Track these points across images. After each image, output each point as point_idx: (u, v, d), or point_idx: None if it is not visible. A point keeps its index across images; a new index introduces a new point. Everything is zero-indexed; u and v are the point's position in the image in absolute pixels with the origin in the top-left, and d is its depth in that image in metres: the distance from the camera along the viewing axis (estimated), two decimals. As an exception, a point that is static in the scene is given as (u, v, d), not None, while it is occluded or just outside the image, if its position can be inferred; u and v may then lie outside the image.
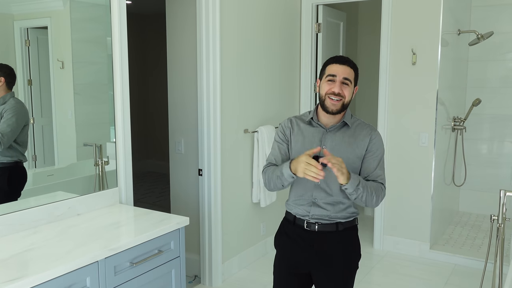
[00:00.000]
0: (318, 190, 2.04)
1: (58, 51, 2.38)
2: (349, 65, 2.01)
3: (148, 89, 7.66)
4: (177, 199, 3.68)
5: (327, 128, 2.05)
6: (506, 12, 4.94)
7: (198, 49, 3.37)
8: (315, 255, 2.07)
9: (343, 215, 2.06)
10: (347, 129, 2.05)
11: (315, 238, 2.06)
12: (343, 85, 1.98)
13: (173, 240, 2.32)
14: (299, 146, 2.07)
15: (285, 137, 2.13)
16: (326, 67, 2.03)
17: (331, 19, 4.67)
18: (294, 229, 2.11)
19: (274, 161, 2.12)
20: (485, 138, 5.22)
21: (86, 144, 2.56)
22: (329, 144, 2.03)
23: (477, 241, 4.42)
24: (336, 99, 1.97)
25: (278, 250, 2.22)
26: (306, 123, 2.10)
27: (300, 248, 2.10)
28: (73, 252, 1.91)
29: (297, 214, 2.10)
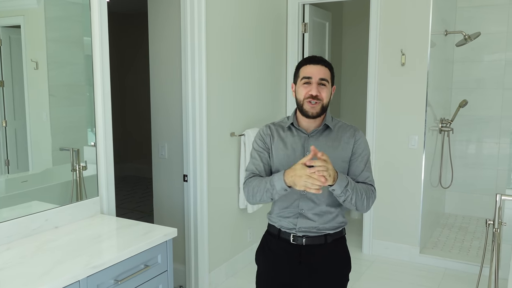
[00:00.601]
0: (304, 200, 1.91)
1: (32, 51, 2.24)
2: (324, 65, 1.90)
3: (125, 90, 7.44)
4: (161, 206, 3.51)
5: (308, 133, 1.93)
6: (491, 13, 4.92)
7: (183, 50, 3.22)
8: (303, 271, 1.94)
9: (331, 225, 1.94)
10: (330, 132, 1.95)
11: (303, 252, 1.93)
12: (320, 86, 1.88)
13: (160, 253, 2.16)
14: (281, 155, 1.94)
15: (265, 145, 2.00)
16: (300, 69, 1.92)
17: (317, 19, 4.57)
18: (279, 244, 1.98)
19: (256, 171, 1.98)
20: (470, 140, 5.20)
21: (62, 148, 2.41)
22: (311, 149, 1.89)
23: (465, 243, 4.38)
24: (315, 102, 1.87)
25: (260, 267, 2.07)
26: (286, 129, 1.98)
27: (286, 264, 1.96)
28: (51, 271, 1.73)
29: (282, 227, 1.97)
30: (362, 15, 5.55)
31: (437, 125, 4.53)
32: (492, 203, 5.00)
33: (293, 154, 1.92)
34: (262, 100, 3.99)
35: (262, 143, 2.00)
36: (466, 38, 4.39)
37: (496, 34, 4.93)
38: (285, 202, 1.94)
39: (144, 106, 7.03)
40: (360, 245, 4.40)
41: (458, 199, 5.32)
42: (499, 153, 5.05)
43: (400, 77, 3.99)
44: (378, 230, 4.23)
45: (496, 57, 4.97)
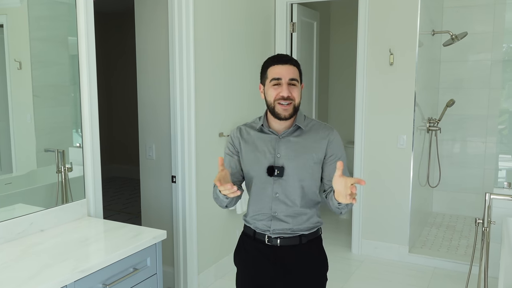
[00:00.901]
0: (277, 203, 1.88)
1: (15, 51, 2.18)
2: (292, 64, 1.84)
3: (112, 90, 7.36)
4: (149, 208, 3.46)
5: (279, 135, 1.89)
6: (477, 13, 4.96)
7: (170, 49, 3.17)
8: (278, 272, 1.92)
9: (306, 226, 1.91)
10: (302, 133, 1.89)
11: (278, 253, 1.91)
12: (291, 86, 1.82)
13: (149, 256, 2.12)
14: (252, 156, 1.91)
15: (234, 148, 1.97)
16: (268, 69, 1.85)
17: (305, 19, 4.56)
18: (255, 245, 1.96)
19: None
20: (457, 139, 5.23)
21: (47, 150, 2.36)
22: (284, 151, 1.87)
23: (453, 242, 4.40)
24: (287, 103, 1.81)
25: (238, 268, 2.05)
26: (257, 130, 1.93)
27: (262, 265, 1.94)
28: (38, 276, 1.69)
29: (257, 229, 1.94)
30: (349, 14, 5.56)
31: (425, 125, 4.54)
32: (479, 201, 5.07)
33: (263, 156, 1.88)
34: (251, 100, 3.96)
35: (232, 146, 1.97)
36: (453, 38, 4.41)
37: (482, 34, 4.96)
38: (258, 205, 1.92)
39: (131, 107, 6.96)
40: (349, 245, 4.40)
41: (446, 198, 5.35)
42: (485, 152, 5.09)
43: (389, 76, 4.00)
44: (367, 230, 4.22)
45: (482, 57, 5.01)
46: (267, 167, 1.85)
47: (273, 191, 1.88)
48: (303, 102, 4.62)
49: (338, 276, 3.75)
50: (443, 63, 5.18)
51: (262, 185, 1.89)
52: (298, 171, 1.85)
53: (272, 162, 1.86)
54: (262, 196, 1.89)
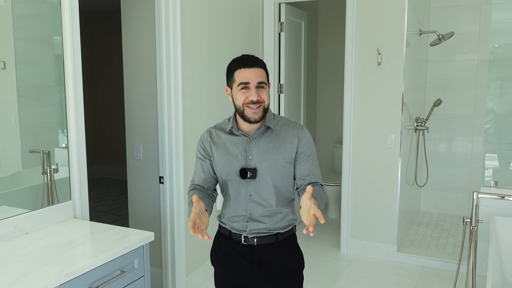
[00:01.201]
0: (252, 204, 1.88)
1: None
2: (258, 66, 1.82)
3: (98, 90, 7.28)
4: (136, 209, 3.43)
5: (250, 136, 1.88)
6: (463, 13, 4.99)
7: (157, 49, 3.14)
8: (255, 271, 1.93)
9: (281, 225, 1.92)
10: (272, 133, 1.88)
11: (254, 252, 1.91)
12: (259, 89, 1.80)
13: (136, 258, 2.09)
14: (223, 160, 1.90)
15: (205, 152, 1.95)
16: (234, 73, 1.82)
17: (293, 18, 4.55)
18: (231, 244, 1.95)
19: (196, 181, 1.97)
20: (444, 138, 5.26)
21: (32, 151, 2.32)
22: (255, 153, 1.86)
23: (441, 241, 4.42)
24: (256, 107, 1.79)
25: (216, 268, 2.05)
26: (227, 133, 1.92)
27: (239, 264, 1.94)
28: (22, 280, 1.65)
29: (232, 229, 1.94)
30: (338, 14, 5.57)
31: (412, 124, 4.56)
32: (466, 200, 5.11)
33: (235, 159, 1.87)
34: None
35: (203, 151, 1.95)
36: (440, 38, 4.43)
37: (468, 34, 5.00)
38: (233, 207, 1.91)
39: (117, 107, 6.90)
40: (338, 244, 4.40)
41: (433, 197, 5.39)
42: (472, 151, 5.13)
43: (377, 76, 4.01)
44: (355, 230, 4.23)
45: (468, 56, 5.04)
46: (240, 169, 1.85)
47: (247, 193, 1.88)
48: (291, 101, 4.62)
49: (327, 276, 3.74)
50: (430, 63, 5.21)
51: (236, 187, 1.89)
52: (270, 172, 1.85)
53: (244, 165, 1.86)
54: (236, 198, 1.89)
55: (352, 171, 4.18)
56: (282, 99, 4.44)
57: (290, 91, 4.60)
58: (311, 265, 3.94)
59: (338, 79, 5.60)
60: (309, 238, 4.60)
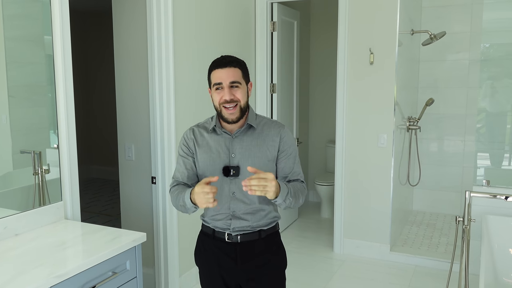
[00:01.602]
0: (235, 202, 1.91)
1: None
2: (232, 66, 1.85)
3: (88, 90, 7.23)
4: (129, 209, 3.40)
5: (232, 134, 1.91)
6: (455, 12, 5.01)
7: (149, 49, 3.12)
8: (240, 268, 1.95)
9: (264, 222, 1.95)
10: (254, 131, 1.92)
11: (238, 249, 1.94)
12: (233, 89, 1.84)
13: (128, 259, 2.07)
14: (206, 158, 1.92)
15: (189, 150, 1.97)
16: (210, 74, 1.89)
17: (285, 18, 4.55)
18: (214, 243, 1.97)
19: (179, 178, 1.98)
20: (436, 137, 5.28)
21: (23, 151, 2.29)
22: (238, 150, 1.89)
23: (434, 240, 4.43)
24: (232, 106, 1.83)
25: (200, 268, 2.07)
26: (210, 131, 1.95)
27: (223, 262, 1.96)
28: (12, 282, 1.63)
29: (216, 228, 1.97)
30: (330, 14, 5.57)
31: (404, 124, 4.58)
32: (458, 199, 5.14)
33: (218, 157, 1.90)
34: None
35: (186, 148, 1.97)
36: (432, 37, 4.45)
37: (460, 33, 5.02)
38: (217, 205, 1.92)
39: (109, 107, 6.86)
40: (331, 244, 4.40)
41: (426, 196, 5.40)
42: (464, 151, 5.15)
43: (369, 75, 4.01)
44: (348, 229, 4.23)
45: (460, 56, 5.06)
46: (223, 167, 1.88)
47: (230, 191, 1.90)
48: (284, 100, 4.62)
49: (320, 276, 3.74)
50: (422, 62, 5.23)
51: (219, 185, 1.90)
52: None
53: (227, 162, 1.89)
54: (219, 196, 1.91)
55: (345, 170, 4.19)
56: (275, 99, 4.43)
57: (283, 91, 4.60)
58: (304, 265, 3.94)
59: (330, 79, 5.60)
60: (302, 238, 4.60)
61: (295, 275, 3.70)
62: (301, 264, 3.95)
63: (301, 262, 4.00)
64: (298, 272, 3.77)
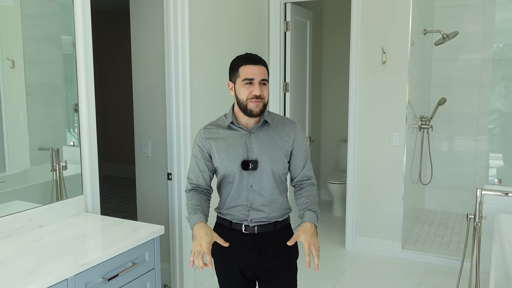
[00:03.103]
0: (253, 194, 2.00)
1: (8, 50, 2.17)
2: (262, 64, 1.96)
3: (105, 89, 7.35)
4: (145, 205, 3.49)
5: (249, 130, 1.98)
6: (468, 12, 5.02)
7: (166, 48, 3.20)
8: (256, 259, 2.02)
9: (279, 213, 2.04)
10: (269, 127, 2.01)
11: (255, 239, 2.02)
12: (261, 86, 1.94)
13: (147, 251, 2.15)
14: (225, 154, 1.99)
15: (202, 151, 2.04)
16: (239, 68, 1.94)
17: (298, 18, 4.60)
18: (231, 234, 2.03)
19: (194, 180, 2.07)
20: (448, 137, 5.29)
21: (41, 148, 2.36)
22: (255, 146, 1.98)
23: (445, 238, 4.46)
24: (258, 101, 1.92)
25: (217, 259, 2.13)
26: (226, 128, 2.01)
27: (240, 252, 2.03)
28: (38, 270, 1.71)
29: (233, 219, 2.04)
30: (343, 14, 5.61)
31: (416, 123, 4.60)
32: (470, 199, 5.14)
33: (236, 152, 1.97)
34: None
35: (199, 150, 2.04)
36: (444, 37, 4.47)
37: (472, 33, 5.03)
38: (234, 197, 2.02)
39: (124, 105, 6.97)
40: (343, 241, 4.44)
41: (438, 195, 5.42)
42: (476, 150, 5.16)
43: (381, 75, 4.05)
44: (360, 227, 4.27)
45: (473, 56, 5.07)
46: (242, 161, 1.95)
47: (248, 184, 1.98)
48: (297, 99, 4.67)
49: (332, 272, 3.79)
50: (435, 62, 5.25)
51: (237, 178, 1.98)
52: (270, 163, 1.97)
53: (245, 157, 1.96)
54: (238, 189, 1.99)
55: (357, 169, 4.23)
56: (288, 98, 4.49)
57: (296, 90, 4.65)
58: (316, 262, 3.99)
59: (343, 78, 5.64)
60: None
61: (307, 271, 3.75)
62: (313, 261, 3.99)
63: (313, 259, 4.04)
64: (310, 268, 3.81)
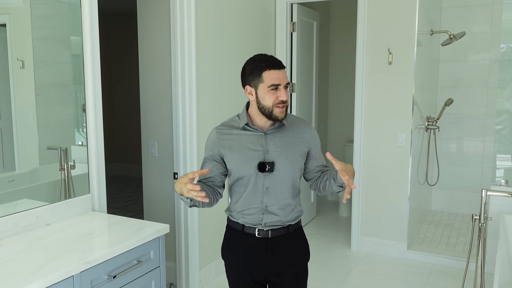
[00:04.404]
0: (268, 197, 1.94)
1: (18, 50, 2.21)
2: (283, 68, 1.91)
3: (112, 90, 7.40)
4: (151, 204, 3.52)
5: (265, 131, 1.94)
6: (475, 13, 5.01)
7: (173, 49, 3.22)
8: (270, 263, 1.99)
9: (292, 216, 2.00)
10: (284, 128, 1.97)
11: (268, 244, 1.97)
12: (286, 90, 1.90)
13: (152, 249, 2.17)
14: (238, 155, 1.93)
15: (212, 153, 1.97)
16: (263, 74, 1.86)
17: (305, 18, 4.61)
18: (244, 238, 1.99)
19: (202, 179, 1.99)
20: (455, 138, 5.28)
21: (50, 148, 2.39)
22: (272, 147, 1.93)
23: (451, 239, 4.45)
24: (283, 106, 1.88)
25: (229, 263, 2.10)
26: (240, 129, 1.95)
27: (253, 258, 1.99)
28: (44, 267, 1.74)
29: (246, 223, 1.98)
30: (349, 14, 5.61)
31: (423, 123, 4.60)
32: (477, 200, 5.12)
33: (251, 154, 1.92)
34: (251, 99, 4.01)
35: (210, 151, 1.98)
36: (451, 37, 4.46)
37: (480, 34, 5.01)
38: (248, 200, 1.95)
39: (130, 106, 7.02)
40: (348, 242, 4.45)
41: (444, 196, 5.40)
42: (483, 151, 5.14)
43: (388, 75, 4.05)
44: (366, 227, 4.27)
45: (480, 56, 5.05)
46: (258, 163, 1.90)
47: (264, 186, 1.93)
48: (303, 99, 4.68)
49: (338, 272, 3.80)
50: (442, 62, 5.23)
51: (253, 181, 1.93)
52: (286, 165, 1.93)
53: (261, 159, 1.91)
54: (252, 191, 1.93)
55: (363, 169, 4.23)
56: (294, 98, 4.50)
57: (302, 90, 4.66)
58: (322, 262, 4.00)
59: (349, 79, 5.64)
60: (320, 236, 4.65)
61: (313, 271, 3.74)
62: (318, 261, 4.01)
63: (319, 259, 4.06)
64: (315, 268, 3.82)
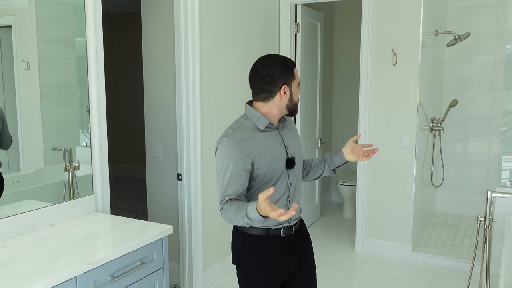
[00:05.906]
0: (292, 192, 1.98)
1: (23, 51, 2.22)
2: None
3: (116, 91, 7.42)
4: (155, 205, 3.52)
5: (278, 129, 1.97)
6: (480, 13, 4.98)
7: (176, 51, 3.23)
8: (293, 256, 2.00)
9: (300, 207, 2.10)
10: (286, 123, 2.03)
11: (291, 240, 1.99)
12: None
13: (156, 250, 2.17)
14: (269, 157, 1.87)
15: (246, 164, 1.82)
16: (294, 71, 1.92)
17: (309, 19, 4.60)
18: (268, 242, 1.93)
19: (232, 195, 1.82)
20: (460, 139, 5.25)
21: (54, 149, 2.40)
22: (288, 143, 1.98)
23: (456, 241, 4.42)
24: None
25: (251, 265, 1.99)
26: (260, 131, 1.89)
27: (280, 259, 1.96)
28: (48, 267, 1.74)
29: (271, 226, 1.91)
30: (353, 15, 5.60)
31: (428, 125, 4.57)
32: (482, 201, 5.09)
33: (279, 153, 1.91)
34: (255, 100, 4.00)
35: (242, 163, 1.81)
36: (456, 38, 4.44)
37: (485, 34, 4.99)
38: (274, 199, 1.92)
39: (135, 107, 7.04)
40: (353, 243, 4.43)
41: (449, 197, 5.38)
42: (489, 152, 5.11)
43: (392, 76, 4.03)
44: (370, 229, 4.26)
45: (485, 57, 5.03)
46: (286, 160, 1.92)
47: (288, 182, 1.95)
48: (307, 100, 4.68)
49: (342, 273, 3.78)
50: (447, 63, 5.21)
51: (280, 179, 1.90)
52: (299, 158, 2.02)
53: (285, 155, 1.94)
54: (279, 189, 1.91)
55: (367, 170, 4.22)
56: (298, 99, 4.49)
57: (306, 91, 4.65)
58: (326, 263, 3.99)
59: (353, 79, 5.63)
60: (324, 237, 4.64)
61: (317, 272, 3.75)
62: (322, 262, 4.00)
63: (323, 260, 4.05)
64: (319, 269, 3.81)
